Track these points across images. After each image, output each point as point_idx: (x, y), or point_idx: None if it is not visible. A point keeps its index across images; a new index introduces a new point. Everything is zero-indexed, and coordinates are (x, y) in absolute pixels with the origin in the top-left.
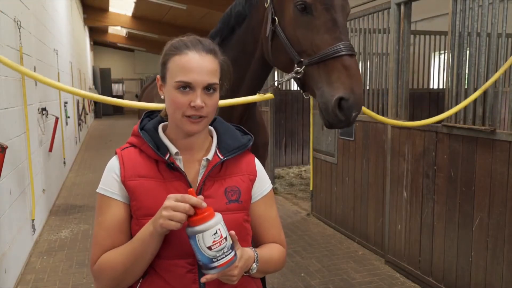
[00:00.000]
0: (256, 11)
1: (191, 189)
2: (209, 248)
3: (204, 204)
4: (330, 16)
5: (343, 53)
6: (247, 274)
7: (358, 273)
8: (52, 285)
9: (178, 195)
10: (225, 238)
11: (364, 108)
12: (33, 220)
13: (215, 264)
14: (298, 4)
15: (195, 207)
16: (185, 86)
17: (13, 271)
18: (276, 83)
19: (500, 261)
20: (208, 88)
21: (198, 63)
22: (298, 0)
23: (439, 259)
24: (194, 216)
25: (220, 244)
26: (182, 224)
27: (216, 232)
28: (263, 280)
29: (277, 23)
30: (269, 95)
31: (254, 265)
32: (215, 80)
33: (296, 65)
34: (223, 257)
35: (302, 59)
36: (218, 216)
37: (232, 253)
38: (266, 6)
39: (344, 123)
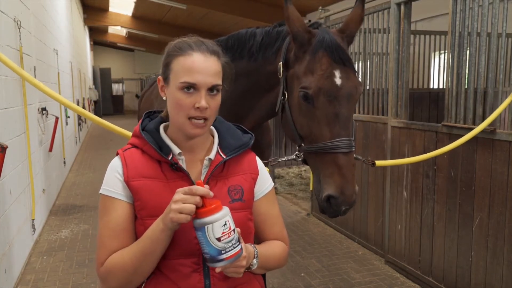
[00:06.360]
0: (269, 62)
1: (199, 181)
2: (218, 239)
3: (212, 194)
4: (333, 108)
5: (340, 150)
6: (248, 270)
7: (358, 273)
8: (52, 285)
9: (185, 188)
10: (233, 230)
11: (381, 162)
12: (33, 220)
13: (223, 256)
14: (301, 93)
15: (203, 197)
16: (190, 87)
17: (13, 271)
18: (278, 159)
19: (500, 261)
20: (212, 89)
21: (203, 65)
22: (301, 89)
23: (439, 259)
24: (203, 208)
25: (229, 236)
26: (191, 216)
27: (226, 224)
28: (264, 278)
29: (286, 99)
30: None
31: (255, 260)
32: (219, 81)
33: (297, 147)
34: (231, 249)
35: (303, 144)
36: (226, 209)
37: (239, 246)
38: (280, 77)
39: (333, 214)
